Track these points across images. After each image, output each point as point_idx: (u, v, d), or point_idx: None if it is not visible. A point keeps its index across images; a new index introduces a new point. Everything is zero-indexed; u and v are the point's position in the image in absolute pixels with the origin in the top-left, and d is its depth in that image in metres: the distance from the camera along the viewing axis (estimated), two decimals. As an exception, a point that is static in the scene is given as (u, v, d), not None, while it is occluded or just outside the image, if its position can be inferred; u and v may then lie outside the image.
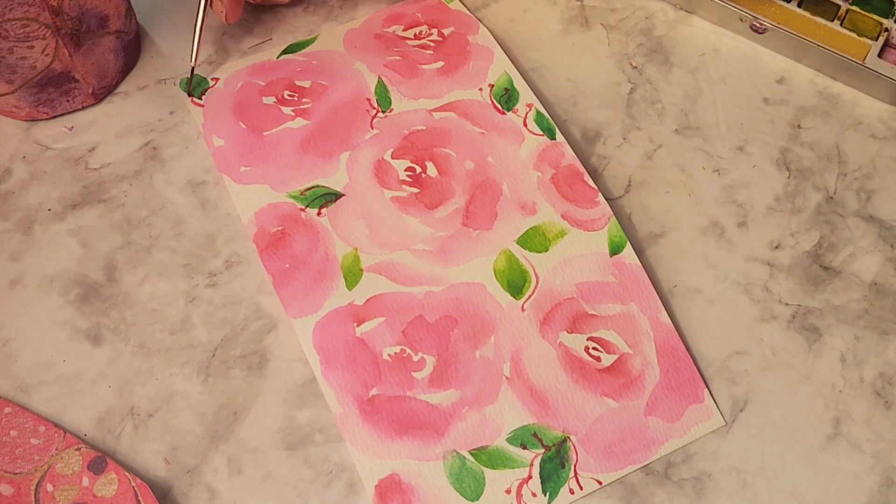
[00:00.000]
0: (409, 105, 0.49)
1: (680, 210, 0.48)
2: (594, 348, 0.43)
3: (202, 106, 0.49)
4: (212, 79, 0.50)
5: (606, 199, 0.47)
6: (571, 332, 0.43)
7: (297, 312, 0.43)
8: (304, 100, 0.49)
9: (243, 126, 0.48)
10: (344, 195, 0.46)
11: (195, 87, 0.49)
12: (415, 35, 0.52)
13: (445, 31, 0.52)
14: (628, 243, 0.46)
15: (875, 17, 0.54)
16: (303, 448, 0.40)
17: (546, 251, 0.45)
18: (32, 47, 0.44)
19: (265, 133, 0.48)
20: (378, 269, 0.44)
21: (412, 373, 0.41)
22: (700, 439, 0.42)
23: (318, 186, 0.46)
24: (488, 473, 0.40)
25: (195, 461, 0.40)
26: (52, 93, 0.47)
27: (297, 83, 0.50)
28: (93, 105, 0.49)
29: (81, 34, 0.46)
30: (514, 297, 0.44)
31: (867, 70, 0.51)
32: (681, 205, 0.48)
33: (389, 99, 0.49)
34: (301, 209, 0.45)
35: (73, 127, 0.48)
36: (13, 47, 0.43)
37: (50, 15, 0.43)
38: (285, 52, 0.51)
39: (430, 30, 0.53)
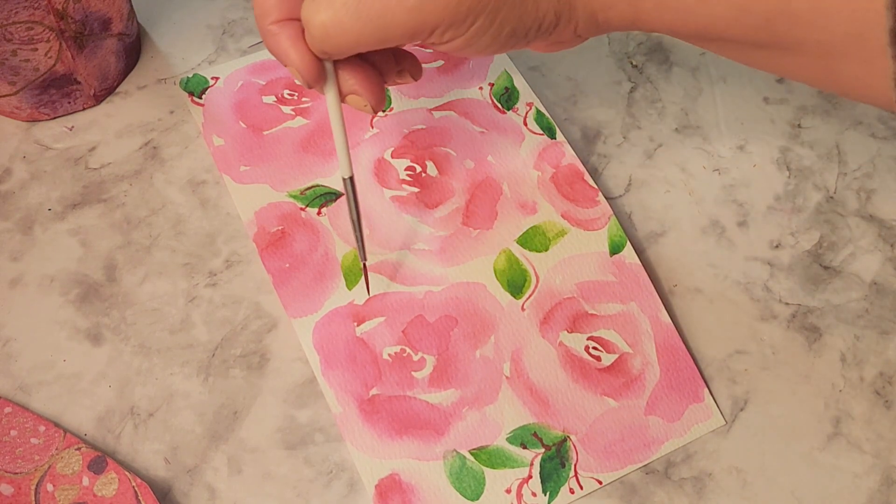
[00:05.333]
0: (409, 104, 0.49)
1: (680, 209, 0.48)
2: (594, 348, 0.43)
3: (202, 105, 0.49)
4: (212, 78, 0.50)
5: (607, 199, 0.47)
6: (571, 332, 0.43)
7: (297, 312, 0.43)
8: (303, 99, 0.49)
9: (243, 125, 0.48)
10: (344, 195, 0.46)
11: (196, 86, 0.49)
12: (415, 34, 0.52)
13: (445, 31, 0.52)
14: (628, 243, 0.46)
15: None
16: (303, 448, 0.41)
17: (546, 251, 0.45)
18: (36, 50, 0.44)
19: (265, 132, 0.48)
20: (378, 269, 0.44)
21: (412, 372, 0.41)
22: (700, 439, 0.42)
23: (318, 186, 0.46)
24: (488, 473, 0.40)
25: (195, 461, 0.40)
26: (54, 94, 0.47)
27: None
28: (93, 106, 0.49)
29: (84, 37, 0.46)
30: (515, 297, 0.44)
31: (868, 69, 0.51)
32: (681, 204, 0.48)
33: (389, 98, 0.49)
34: (301, 209, 0.45)
35: (73, 127, 0.48)
36: (17, 49, 0.43)
37: (54, 18, 0.43)
38: (285, 51, 0.51)
39: (430, 29, 0.53)
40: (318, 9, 0.32)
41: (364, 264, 0.42)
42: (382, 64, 0.37)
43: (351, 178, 0.39)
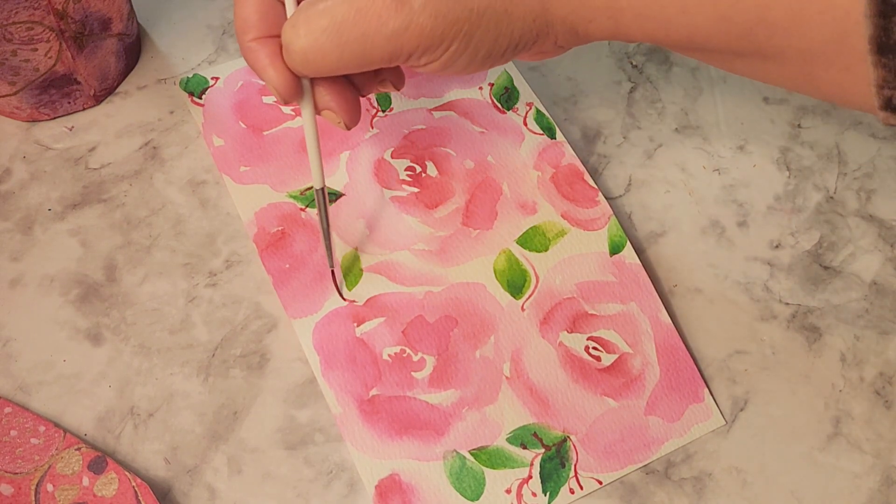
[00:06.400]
0: (409, 104, 0.49)
1: (680, 209, 0.48)
2: (594, 348, 0.43)
3: (202, 105, 0.49)
4: (212, 78, 0.50)
5: (606, 199, 0.47)
6: (571, 332, 0.43)
7: (297, 312, 0.43)
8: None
9: (243, 125, 0.48)
10: (344, 195, 0.46)
11: (196, 86, 0.49)
12: (415, 34, 0.52)
13: (445, 31, 0.52)
14: (628, 243, 0.46)
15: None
16: (303, 448, 0.41)
17: (546, 251, 0.45)
18: (36, 50, 0.44)
19: (265, 133, 0.48)
20: (378, 269, 0.44)
21: (412, 373, 0.41)
22: (700, 439, 0.42)
23: (318, 186, 0.46)
24: (488, 473, 0.40)
25: (195, 461, 0.40)
26: (54, 95, 0.47)
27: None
28: (93, 106, 0.49)
29: (84, 37, 0.46)
30: (514, 297, 0.44)
31: (868, 69, 0.51)
32: (681, 204, 0.48)
33: (389, 98, 0.49)
34: (301, 209, 0.45)
35: (73, 127, 0.48)
36: (17, 50, 0.43)
37: (54, 18, 0.43)
38: (285, 51, 0.51)
39: (430, 29, 0.53)
40: (299, 34, 0.33)
41: (332, 271, 0.43)
42: (361, 76, 0.37)
43: (322, 190, 0.40)
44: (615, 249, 0.45)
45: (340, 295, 0.43)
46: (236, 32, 0.35)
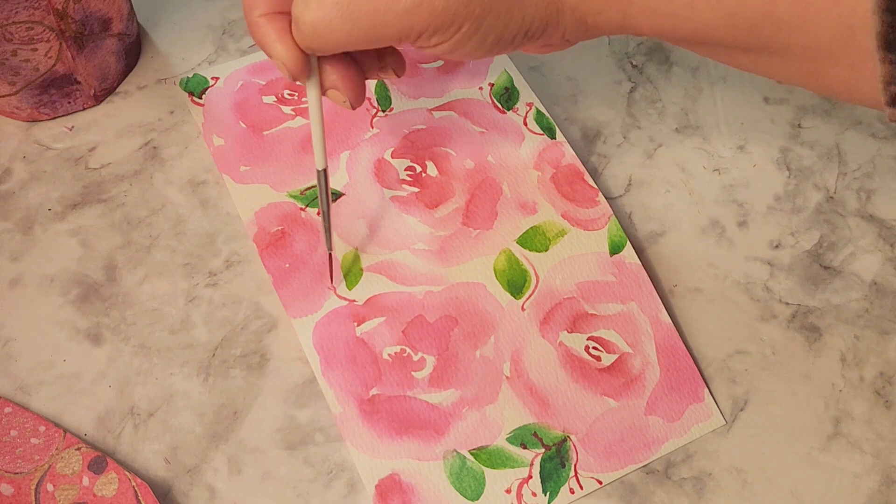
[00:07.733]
0: (409, 104, 0.49)
1: (680, 209, 0.48)
2: (594, 348, 0.43)
3: (202, 105, 0.49)
4: (212, 78, 0.50)
5: (607, 199, 0.47)
6: (572, 332, 0.43)
7: (297, 312, 0.43)
8: (304, 99, 0.49)
9: (243, 125, 0.48)
10: (344, 195, 0.46)
11: (196, 86, 0.49)
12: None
13: (445, 31, 0.52)
14: (628, 243, 0.46)
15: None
16: (303, 448, 0.41)
17: (546, 251, 0.45)
18: (36, 50, 0.44)
19: (265, 132, 0.48)
20: (378, 269, 0.44)
21: (412, 372, 0.41)
22: (700, 439, 0.42)
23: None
24: (488, 473, 0.40)
25: (195, 461, 0.40)
26: (54, 94, 0.47)
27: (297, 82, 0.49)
28: (93, 106, 0.49)
29: (84, 37, 0.46)
30: (515, 297, 0.44)
31: (868, 69, 0.51)
32: (681, 204, 0.48)
33: (389, 98, 0.49)
34: (301, 209, 0.45)
35: (73, 127, 0.48)
36: (17, 49, 0.43)
37: (54, 18, 0.43)
38: (285, 51, 0.51)
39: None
40: (309, 7, 0.33)
41: (331, 255, 0.43)
42: (365, 59, 0.37)
43: (324, 171, 0.40)
44: (615, 249, 0.45)
45: (331, 279, 0.43)
46: (244, 8, 0.35)
